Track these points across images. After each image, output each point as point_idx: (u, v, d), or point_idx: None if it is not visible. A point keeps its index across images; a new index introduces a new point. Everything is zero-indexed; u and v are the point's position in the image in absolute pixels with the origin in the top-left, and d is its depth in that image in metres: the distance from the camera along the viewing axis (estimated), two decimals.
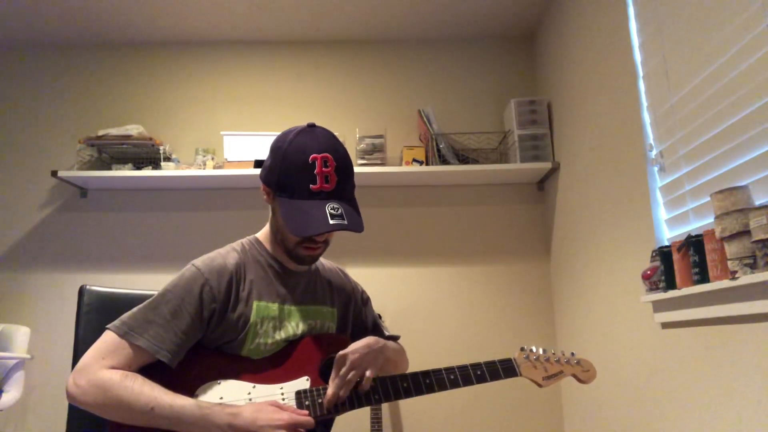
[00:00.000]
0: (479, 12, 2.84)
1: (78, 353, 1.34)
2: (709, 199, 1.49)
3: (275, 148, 1.21)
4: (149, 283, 2.75)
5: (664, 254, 1.61)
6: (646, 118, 1.84)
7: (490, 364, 1.28)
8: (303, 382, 1.20)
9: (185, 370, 1.16)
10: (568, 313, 2.57)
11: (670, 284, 1.58)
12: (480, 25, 2.95)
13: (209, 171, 2.68)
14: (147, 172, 2.67)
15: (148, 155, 2.77)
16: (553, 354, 1.34)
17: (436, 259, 2.82)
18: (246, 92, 3.01)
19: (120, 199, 2.87)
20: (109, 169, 2.75)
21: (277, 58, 3.06)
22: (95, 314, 1.41)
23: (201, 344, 1.20)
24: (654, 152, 1.80)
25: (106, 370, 1.09)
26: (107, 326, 1.15)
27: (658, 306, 1.73)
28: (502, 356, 1.33)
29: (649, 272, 1.66)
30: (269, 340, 1.22)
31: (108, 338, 1.13)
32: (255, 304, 1.22)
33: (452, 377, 1.25)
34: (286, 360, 1.22)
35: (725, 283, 1.32)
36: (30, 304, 2.74)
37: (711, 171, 1.52)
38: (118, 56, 3.04)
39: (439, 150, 2.72)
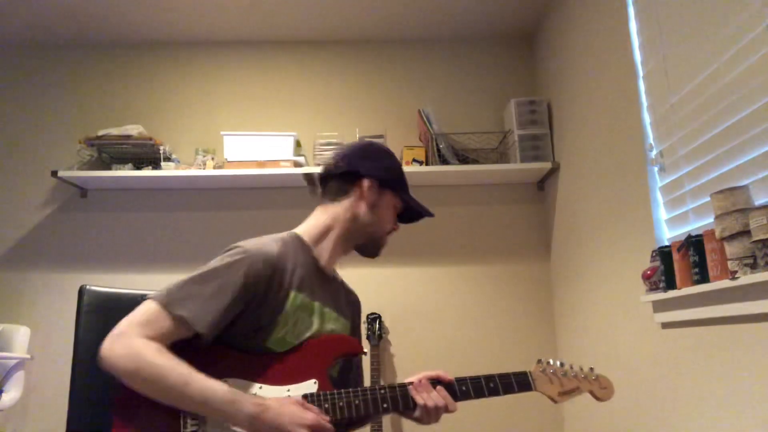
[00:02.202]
0: (479, 12, 2.84)
1: (78, 353, 1.34)
2: (709, 199, 1.49)
3: (379, 150, 1.39)
4: (149, 283, 2.75)
5: (664, 254, 1.60)
6: (646, 118, 1.84)
7: (504, 377, 1.25)
8: (310, 386, 1.19)
9: (193, 366, 1.16)
10: (568, 313, 2.57)
11: (670, 284, 1.58)
12: (480, 25, 2.95)
13: (209, 171, 2.68)
14: (147, 172, 2.67)
15: (148, 155, 2.77)
16: (571, 368, 1.29)
17: (436, 259, 2.82)
18: (246, 92, 3.02)
19: (120, 199, 2.87)
20: (109, 169, 2.75)
21: (277, 58, 3.06)
22: (95, 314, 1.41)
23: (217, 338, 1.19)
24: (654, 152, 1.80)
25: (143, 339, 1.08)
26: (148, 296, 1.15)
27: (658, 306, 1.73)
28: (502, 356, 1.32)
29: (649, 272, 1.66)
30: (296, 333, 1.23)
31: (148, 307, 1.13)
32: (292, 294, 1.23)
33: (464, 388, 1.23)
34: (294, 361, 1.21)
35: (725, 283, 1.32)
36: (30, 304, 2.74)
37: (711, 171, 1.52)
38: (118, 56, 3.04)
39: (439, 150, 2.72)
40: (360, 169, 1.32)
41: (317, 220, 1.34)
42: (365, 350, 1.29)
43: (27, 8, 2.72)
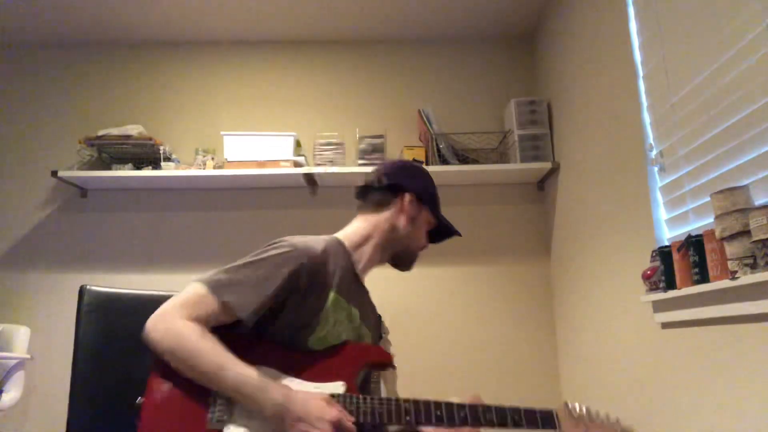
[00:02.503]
0: (479, 12, 2.84)
1: (78, 353, 1.34)
2: (709, 199, 1.49)
3: (418, 170, 1.46)
4: (149, 282, 2.76)
5: (664, 254, 1.60)
6: (646, 118, 1.84)
7: (530, 412, 1.24)
8: (338, 387, 1.21)
9: (231, 352, 1.18)
10: (568, 313, 2.57)
11: (670, 284, 1.58)
12: (480, 25, 2.96)
13: (209, 171, 2.68)
14: (147, 172, 2.67)
15: (148, 155, 2.77)
16: (598, 415, 1.28)
17: (436, 259, 2.82)
18: (246, 92, 3.02)
19: (120, 199, 2.87)
20: (109, 169, 2.75)
21: (277, 58, 3.06)
22: (95, 314, 1.41)
23: (256, 327, 1.21)
24: (654, 152, 1.80)
25: (187, 320, 1.12)
26: (195, 279, 1.18)
27: (658, 306, 1.73)
28: (502, 356, 1.33)
29: (649, 272, 1.66)
30: (335, 334, 1.26)
31: (195, 290, 1.16)
32: (332, 294, 1.27)
33: (488, 416, 1.22)
34: (326, 360, 1.24)
35: (725, 283, 1.32)
36: (30, 304, 2.74)
37: (711, 171, 1.52)
38: (118, 56, 3.04)
39: (439, 150, 2.72)
40: (404, 183, 1.41)
41: (357, 228, 1.41)
42: (395, 364, 1.32)
43: (27, 8, 2.72)
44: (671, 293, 1.56)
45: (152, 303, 1.47)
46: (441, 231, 1.48)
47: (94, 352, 1.36)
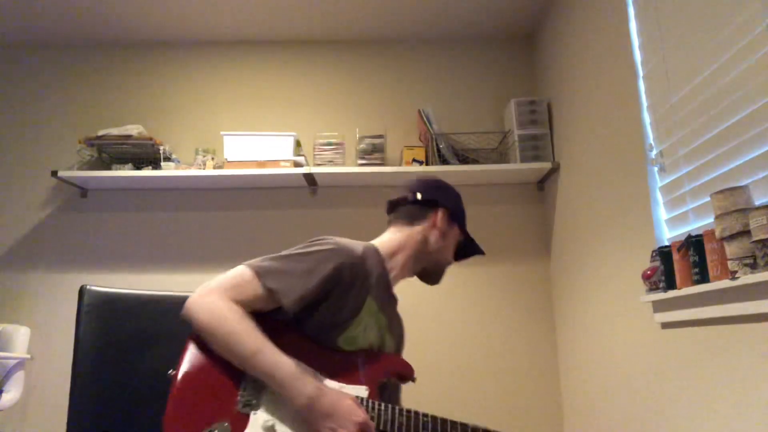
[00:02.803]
0: (479, 12, 2.85)
1: (78, 353, 1.34)
2: (709, 199, 1.49)
3: (450, 188, 1.50)
4: (149, 282, 2.76)
5: (664, 254, 1.61)
6: (646, 118, 1.84)
7: None
8: (361, 390, 1.22)
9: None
10: (568, 313, 2.57)
11: (670, 284, 1.58)
12: (480, 25, 2.96)
13: (209, 171, 2.68)
14: (147, 172, 2.67)
15: (148, 155, 2.77)
16: None
17: None
18: (246, 92, 3.02)
19: (120, 199, 2.87)
20: (109, 169, 2.76)
21: (277, 58, 3.06)
22: (95, 314, 1.41)
23: (289, 321, 1.23)
24: (654, 152, 1.80)
25: (229, 301, 1.15)
26: (244, 263, 1.21)
27: (658, 306, 1.73)
28: (502, 356, 1.34)
29: (649, 272, 1.66)
30: (365, 338, 1.28)
31: (241, 272, 1.20)
32: (369, 299, 1.29)
33: None
34: (353, 363, 1.25)
35: (725, 283, 1.32)
36: (30, 304, 2.74)
37: (711, 171, 1.52)
38: (118, 56, 3.04)
39: (439, 150, 2.73)
40: (438, 199, 1.45)
41: (391, 238, 1.44)
42: (416, 377, 1.36)
43: (27, 8, 2.72)
44: (671, 293, 1.56)
45: (152, 303, 1.47)
46: (466, 249, 1.53)
47: (94, 352, 1.36)
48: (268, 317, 1.19)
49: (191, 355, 1.15)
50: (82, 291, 1.44)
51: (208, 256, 2.81)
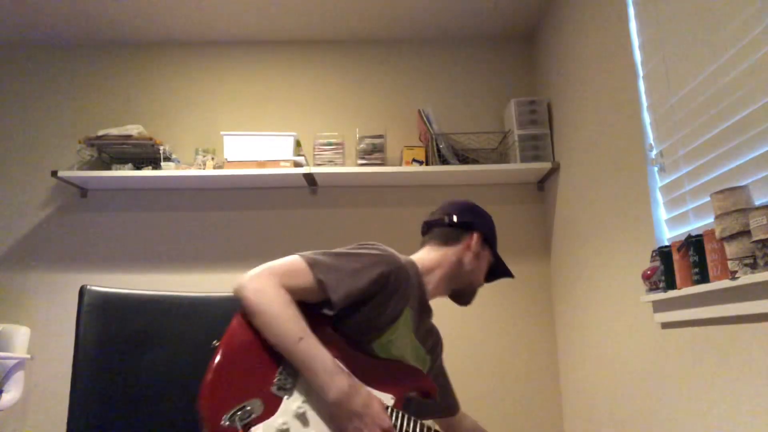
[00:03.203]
0: (479, 12, 2.85)
1: (78, 353, 1.34)
2: (709, 199, 1.49)
3: (484, 212, 1.55)
4: (149, 283, 2.76)
5: (664, 254, 1.61)
6: (646, 118, 1.84)
7: None
8: (388, 399, 1.23)
9: None
10: (568, 313, 2.57)
11: (670, 284, 1.58)
12: (480, 25, 2.96)
13: (209, 171, 2.68)
14: (147, 172, 2.67)
15: (148, 155, 2.78)
16: None
17: None
18: (246, 92, 3.02)
19: (120, 199, 2.87)
20: (109, 169, 2.76)
21: (277, 58, 3.06)
22: (95, 314, 1.41)
23: (327, 318, 1.25)
24: (654, 152, 1.80)
25: (280, 285, 1.18)
26: (297, 254, 1.25)
27: (658, 306, 1.73)
28: (502, 356, 1.35)
29: (649, 272, 1.66)
30: (397, 347, 1.31)
31: (294, 261, 1.23)
32: (407, 310, 1.32)
33: None
34: (380, 370, 1.27)
35: (725, 283, 1.32)
36: (30, 304, 2.74)
37: (711, 171, 1.52)
38: (118, 56, 3.04)
39: (439, 150, 2.73)
40: (473, 223, 1.50)
41: (428, 256, 1.47)
42: (438, 398, 1.40)
43: (27, 8, 2.72)
44: (671, 293, 1.56)
45: (152, 303, 1.47)
46: (496, 271, 1.57)
47: (94, 352, 1.36)
48: (308, 311, 1.22)
49: (236, 331, 1.17)
50: (82, 291, 1.44)
51: (208, 256, 2.81)
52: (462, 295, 1.54)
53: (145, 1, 2.70)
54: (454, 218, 1.51)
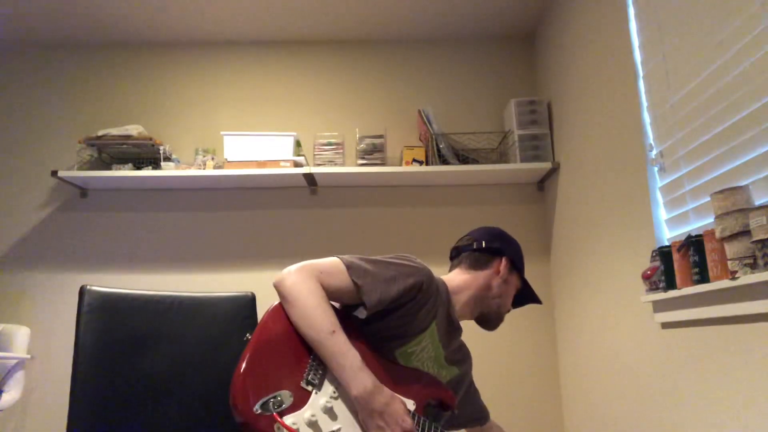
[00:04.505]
0: (479, 12, 2.85)
1: (78, 353, 1.34)
2: (709, 199, 1.49)
3: (512, 238, 1.57)
4: (150, 283, 2.76)
5: (664, 254, 1.61)
6: (646, 118, 1.84)
7: None
8: (409, 404, 1.25)
9: None
10: (568, 313, 2.57)
11: (670, 284, 1.58)
12: (480, 25, 2.96)
13: (209, 171, 2.68)
14: (147, 172, 2.67)
15: (148, 155, 2.78)
16: None
17: (437, 259, 2.82)
18: (246, 92, 3.02)
19: (120, 199, 2.87)
20: (109, 169, 2.76)
21: (277, 58, 3.06)
22: (96, 314, 1.41)
23: (356, 322, 1.29)
24: (654, 152, 1.80)
25: (317, 282, 1.22)
26: (336, 256, 1.30)
27: (658, 306, 1.73)
28: (502, 356, 1.36)
29: (649, 272, 1.66)
30: (420, 358, 1.34)
31: (333, 262, 1.28)
32: (434, 324, 1.36)
33: None
34: (402, 377, 1.29)
35: (725, 283, 1.32)
36: (30, 304, 2.74)
37: (711, 171, 1.52)
38: (118, 56, 3.04)
39: (439, 150, 2.73)
40: (502, 248, 1.53)
41: (457, 278, 1.50)
42: (456, 411, 1.42)
43: (27, 8, 2.72)
44: (671, 293, 1.56)
45: (152, 303, 1.47)
46: (523, 296, 1.60)
47: (94, 352, 1.36)
48: (339, 312, 1.25)
49: (268, 325, 1.20)
50: (82, 291, 1.44)
51: (208, 256, 2.81)
52: (488, 321, 1.56)
53: (146, 1, 2.70)
54: (483, 244, 1.54)
